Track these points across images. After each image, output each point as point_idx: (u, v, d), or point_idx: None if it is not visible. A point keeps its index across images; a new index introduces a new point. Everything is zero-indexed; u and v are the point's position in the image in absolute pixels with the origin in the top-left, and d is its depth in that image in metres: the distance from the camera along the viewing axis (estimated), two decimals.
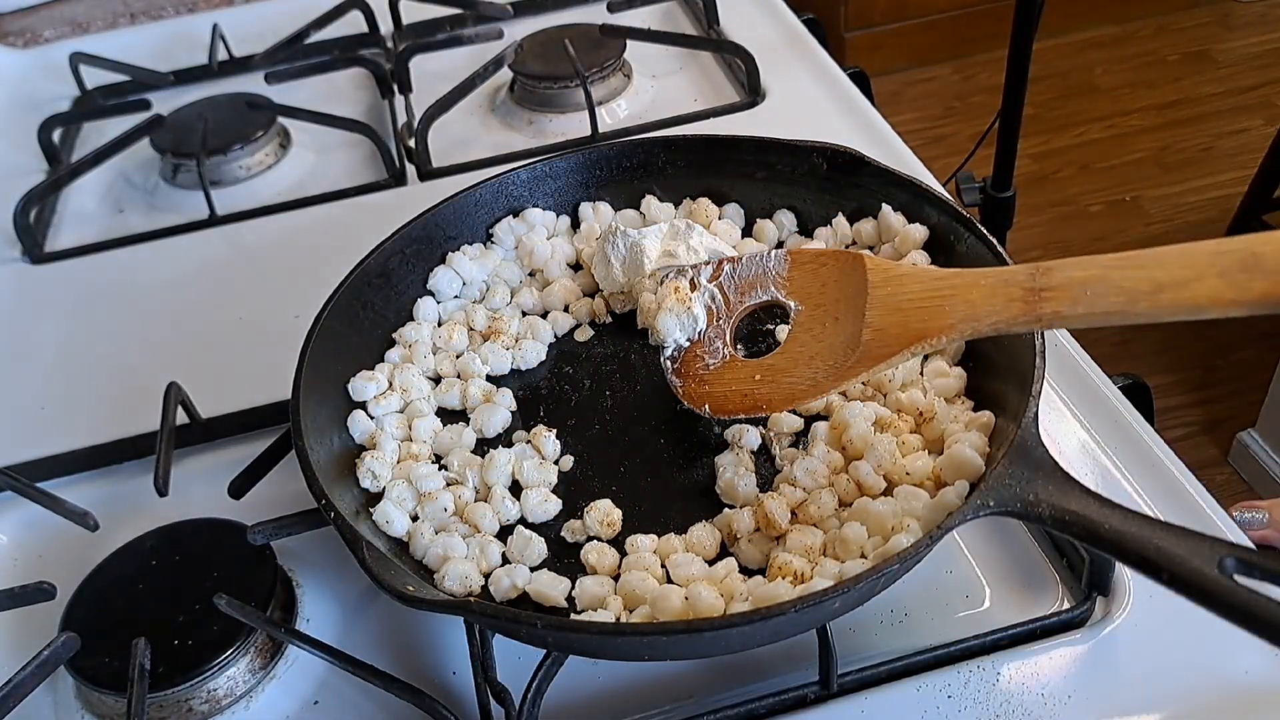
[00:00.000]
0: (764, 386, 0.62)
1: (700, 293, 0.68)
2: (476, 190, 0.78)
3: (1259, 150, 2.09)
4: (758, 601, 0.53)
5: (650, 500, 0.63)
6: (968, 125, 2.68)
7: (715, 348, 0.66)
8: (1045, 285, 0.50)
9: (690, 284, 0.68)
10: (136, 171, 1.10)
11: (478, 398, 0.70)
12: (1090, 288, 0.48)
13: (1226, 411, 1.96)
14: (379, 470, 0.64)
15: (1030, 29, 1.45)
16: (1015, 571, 0.63)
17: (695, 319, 0.67)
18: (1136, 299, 0.47)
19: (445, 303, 0.76)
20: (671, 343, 0.67)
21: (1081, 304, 0.48)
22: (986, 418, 0.59)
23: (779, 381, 0.61)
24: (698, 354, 0.66)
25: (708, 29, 1.20)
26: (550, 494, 0.64)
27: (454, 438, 0.67)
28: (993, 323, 0.52)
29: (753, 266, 0.67)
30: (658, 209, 0.78)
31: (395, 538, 0.61)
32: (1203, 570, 0.43)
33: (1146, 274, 0.47)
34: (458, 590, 0.58)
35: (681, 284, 0.68)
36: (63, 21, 1.41)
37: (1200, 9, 3.03)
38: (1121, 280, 0.47)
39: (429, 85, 1.11)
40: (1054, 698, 0.56)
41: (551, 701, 0.57)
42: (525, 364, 0.73)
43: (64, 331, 0.91)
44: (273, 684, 0.62)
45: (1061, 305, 0.49)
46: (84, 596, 0.63)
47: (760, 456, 0.65)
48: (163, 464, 0.68)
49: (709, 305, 0.67)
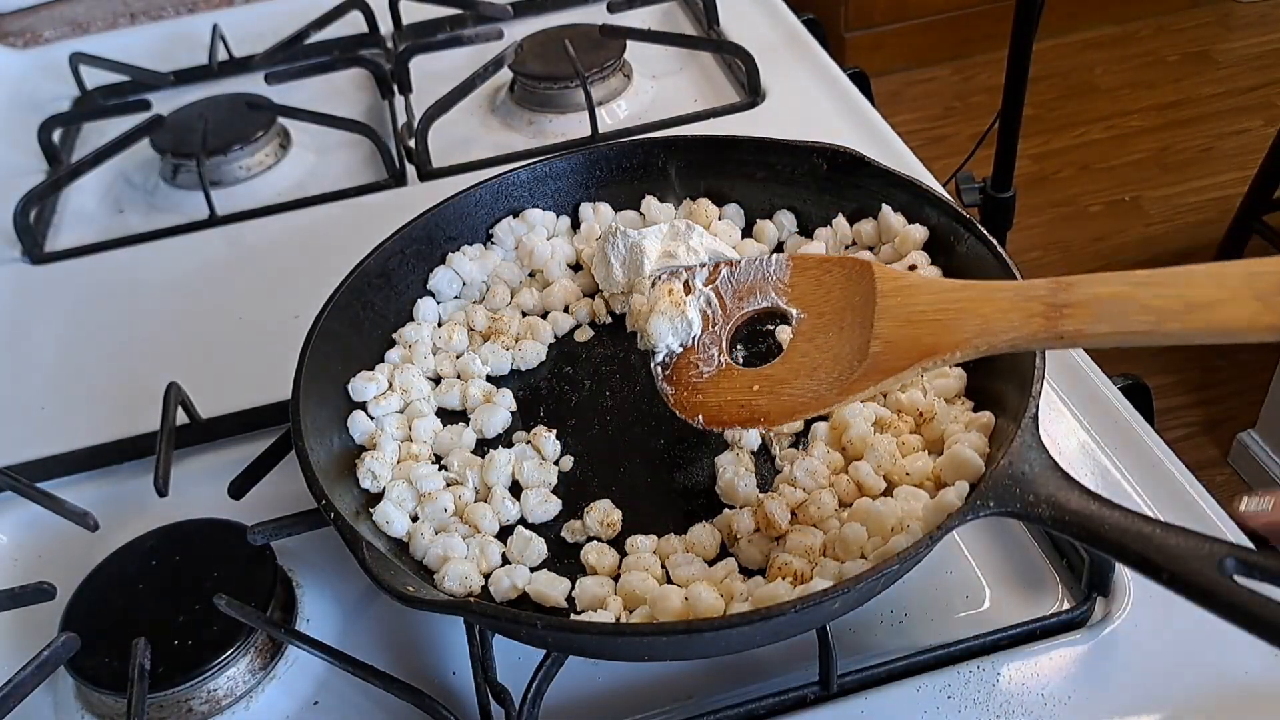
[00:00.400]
0: (762, 398, 0.59)
1: (695, 296, 0.65)
2: (476, 190, 0.78)
3: (1259, 151, 2.09)
4: (758, 602, 0.53)
5: (650, 500, 0.63)
6: (968, 125, 2.68)
7: (710, 355, 0.63)
8: (1067, 301, 0.48)
9: (685, 287, 0.66)
10: (136, 171, 1.10)
11: (478, 398, 0.70)
12: (1116, 305, 0.46)
13: (1226, 412, 1.95)
14: (379, 471, 0.64)
15: (1030, 29, 1.45)
16: (1015, 572, 0.63)
17: (689, 324, 0.64)
18: (1165, 319, 0.44)
19: (445, 303, 0.76)
20: (663, 348, 0.64)
21: (1105, 322, 0.46)
22: (986, 418, 0.59)
23: (778, 393, 0.59)
24: (691, 361, 0.63)
25: (708, 29, 1.20)
26: (550, 494, 0.64)
27: (454, 438, 0.67)
28: (1010, 339, 0.50)
29: (752, 271, 0.64)
30: (658, 209, 0.78)
31: (395, 538, 0.61)
32: (1203, 570, 0.43)
33: (1177, 293, 0.44)
34: (458, 590, 0.58)
35: (675, 286, 0.65)
36: (63, 21, 1.41)
37: (1200, 9, 3.03)
38: (1150, 299, 0.45)
39: (429, 85, 1.11)
40: (1054, 698, 0.56)
41: (551, 701, 0.57)
42: (525, 364, 0.73)
43: (64, 331, 0.91)
44: (273, 684, 0.62)
45: (1084, 323, 0.47)
46: (84, 596, 0.63)
47: (760, 457, 0.65)
48: (163, 464, 0.68)
49: (704, 310, 0.65)
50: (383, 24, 1.27)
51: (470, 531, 0.62)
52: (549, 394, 0.71)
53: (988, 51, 2.86)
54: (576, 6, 1.29)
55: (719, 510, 0.61)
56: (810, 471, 0.60)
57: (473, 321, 0.75)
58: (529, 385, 0.72)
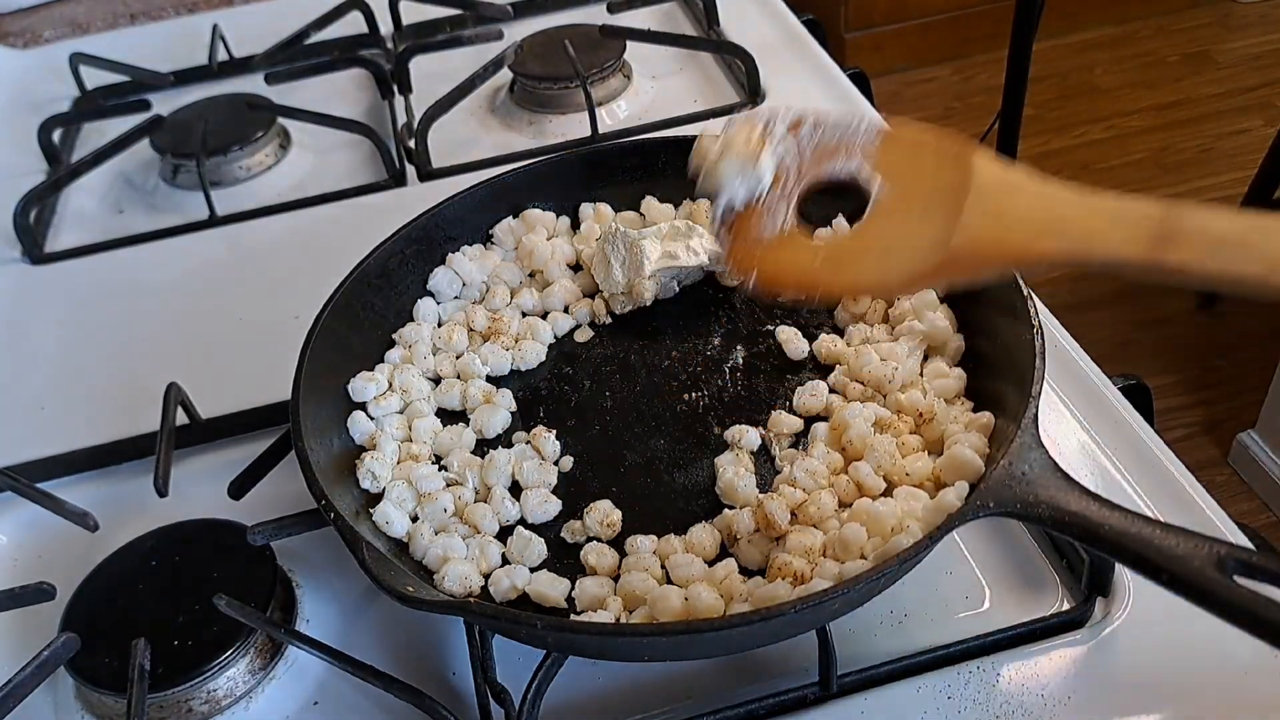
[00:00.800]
0: (825, 269, 0.54)
1: (773, 146, 0.58)
2: (476, 190, 0.78)
3: (1259, 151, 2.09)
4: (758, 602, 0.53)
5: (650, 500, 0.63)
6: (968, 125, 2.68)
7: (775, 214, 0.57)
8: (1177, 230, 0.44)
9: (763, 133, 0.59)
10: (136, 172, 1.10)
11: (478, 398, 0.70)
12: (1230, 246, 0.43)
13: (1226, 412, 1.95)
14: (379, 471, 0.64)
15: (1030, 29, 1.46)
16: (1015, 572, 0.63)
17: (760, 175, 0.57)
18: (1278, 271, 0.42)
19: (445, 303, 0.76)
20: (725, 199, 0.58)
21: (1214, 261, 0.43)
22: (986, 418, 0.59)
23: (843, 267, 0.54)
24: (752, 221, 0.58)
25: (708, 30, 1.20)
26: (550, 495, 0.64)
27: (454, 438, 0.67)
28: (1105, 258, 0.46)
29: (839, 132, 0.57)
30: (658, 210, 0.78)
31: (395, 538, 0.61)
32: (1203, 571, 0.43)
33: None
34: (457, 591, 0.58)
35: (754, 131, 0.58)
36: (63, 22, 1.41)
37: (1200, 9, 3.03)
38: (1269, 247, 0.42)
39: (429, 86, 1.11)
40: (1054, 698, 0.56)
41: (551, 701, 0.57)
42: (525, 365, 0.73)
43: (64, 331, 0.91)
44: (273, 684, 0.62)
45: (1191, 257, 0.44)
46: (84, 597, 0.63)
47: (760, 457, 0.65)
48: (163, 464, 0.68)
49: (781, 163, 0.58)
50: (383, 24, 1.27)
51: (470, 532, 0.62)
52: (549, 394, 0.71)
53: (988, 52, 2.86)
54: (576, 6, 1.29)
55: (719, 510, 0.61)
56: (810, 472, 0.60)
57: (473, 322, 0.75)
58: (529, 385, 0.72)
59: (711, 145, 0.59)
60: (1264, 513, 1.79)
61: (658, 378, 0.71)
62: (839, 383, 0.67)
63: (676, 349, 0.73)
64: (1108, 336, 2.08)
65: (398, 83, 1.14)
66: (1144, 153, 2.60)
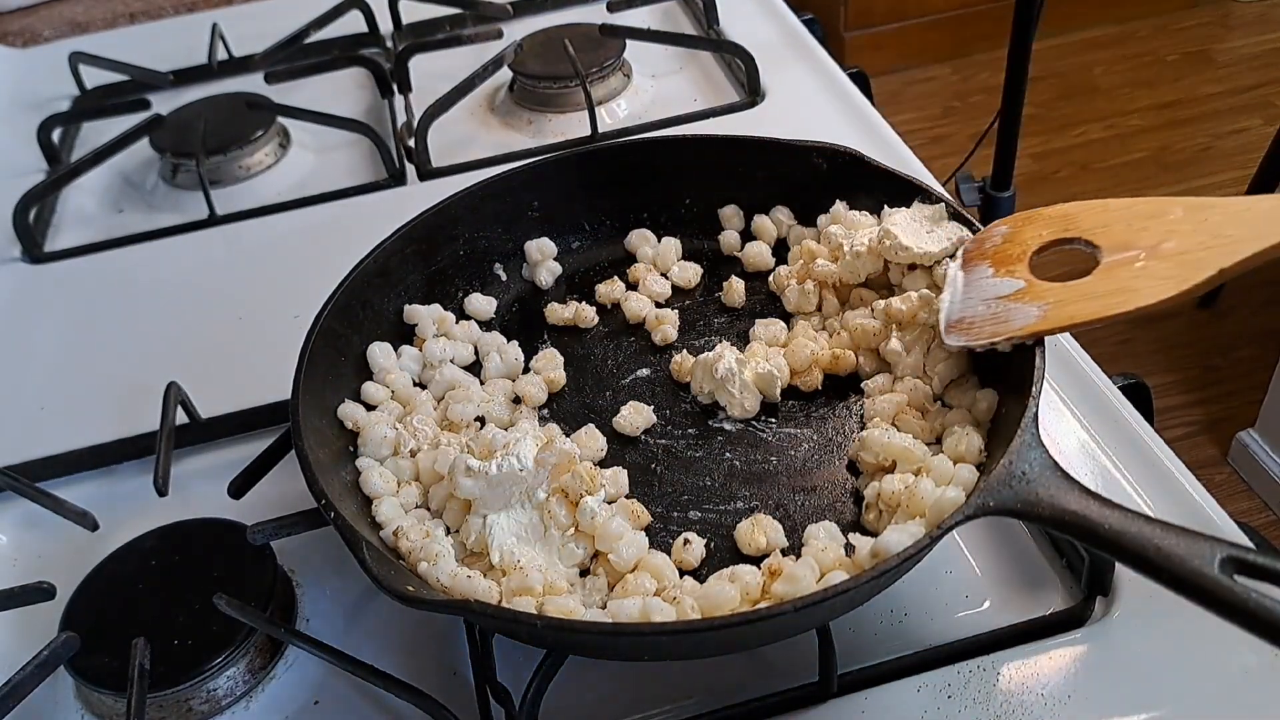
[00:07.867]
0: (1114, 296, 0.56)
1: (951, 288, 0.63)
2: (476, 190, 0.78)
3: (1259, 150, 2.09)
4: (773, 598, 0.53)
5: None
6: (967, 125, 2.68)
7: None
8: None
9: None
10: (136, 171, 1.10)
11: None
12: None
13: (1226, 411, 1.95)
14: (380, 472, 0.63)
15: (1030, 29, 1.46)
16: (1015, 571, 0.63)
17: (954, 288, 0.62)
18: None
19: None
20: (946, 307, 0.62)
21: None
22: (986, 405, 0.60)
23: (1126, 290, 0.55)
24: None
25: (707, 29, 1.20)
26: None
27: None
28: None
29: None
30: (652, 249, 0.78)
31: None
32: (1203, 570, 0.43)
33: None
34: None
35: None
36: (63, 21, 1.41)
37: (1200, 9, 3.03)
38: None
39: (429, 85, 1.11)
40: (1054, 697, 0.56)
41: (551, 701, 0.57)
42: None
43: (64, 331, 0.91)
44: (273, 684, 0.62)
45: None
46: (84, 596, 0.63)
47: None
48: (162, 464, 0.68)
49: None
50: (382, 23, 1.27)
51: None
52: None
53: (987, 51, 2.86)
54: (576, 6, 1.29)
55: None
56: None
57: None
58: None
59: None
60: (1264, 512, 1.79)
61: (668, 401, 0.71)
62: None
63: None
64: (1107, 335, 2.08)
65: (397, 82, 1.14)
66: (1144, 152, 2.60)
